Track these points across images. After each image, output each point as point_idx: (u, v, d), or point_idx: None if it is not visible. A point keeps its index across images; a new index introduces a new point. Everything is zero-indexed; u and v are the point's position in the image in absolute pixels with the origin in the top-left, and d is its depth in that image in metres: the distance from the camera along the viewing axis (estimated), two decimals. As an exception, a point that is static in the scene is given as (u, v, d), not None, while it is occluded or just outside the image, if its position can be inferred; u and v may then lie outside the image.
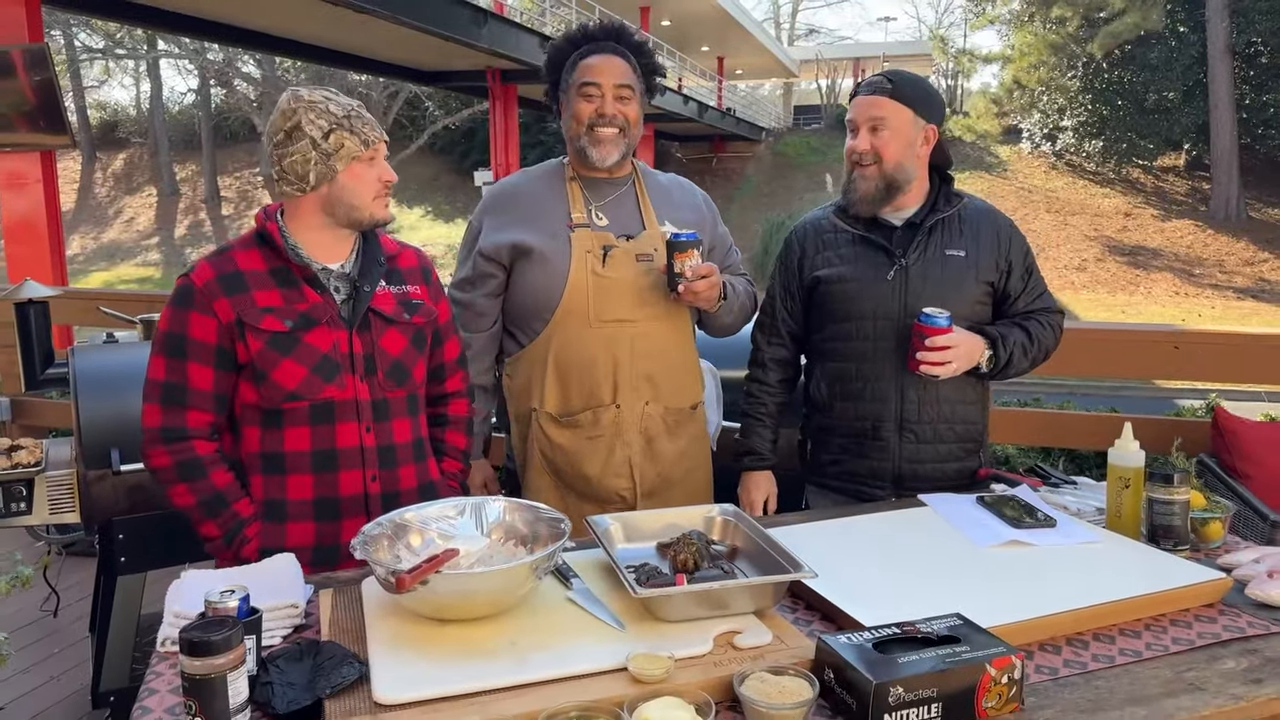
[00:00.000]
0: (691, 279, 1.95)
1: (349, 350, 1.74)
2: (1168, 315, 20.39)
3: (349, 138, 1.69)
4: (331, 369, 1.72)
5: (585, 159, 2.07)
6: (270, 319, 1.69)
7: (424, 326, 1.85)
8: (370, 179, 1.72)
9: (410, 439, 1.82)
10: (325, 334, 1.72)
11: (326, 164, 1.70)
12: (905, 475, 2.08)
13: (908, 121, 2.04)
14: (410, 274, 1.87)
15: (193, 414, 1.70)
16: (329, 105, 1.70)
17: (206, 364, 1.69)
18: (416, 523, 1.42)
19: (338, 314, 1.74)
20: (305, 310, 1.72)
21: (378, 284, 1.79)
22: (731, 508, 1.62)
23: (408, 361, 1.81)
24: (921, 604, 1.39)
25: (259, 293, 1.70)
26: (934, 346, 1.93)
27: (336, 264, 1.77)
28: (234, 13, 13.32)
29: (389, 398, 1.78)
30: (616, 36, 2.09)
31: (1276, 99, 24.81)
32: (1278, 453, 2.91)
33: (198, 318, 1.68)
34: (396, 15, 12.40)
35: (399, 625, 1.29)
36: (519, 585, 1.28)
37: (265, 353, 1.69)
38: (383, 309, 1.78)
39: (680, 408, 2.14)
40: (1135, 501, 1.72)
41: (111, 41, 32.79)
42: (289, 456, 1.73)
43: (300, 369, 1.70)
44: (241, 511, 1.73)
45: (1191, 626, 1.40)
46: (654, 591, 1.26)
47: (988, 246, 2.09)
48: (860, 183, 2.05)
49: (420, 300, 1.85)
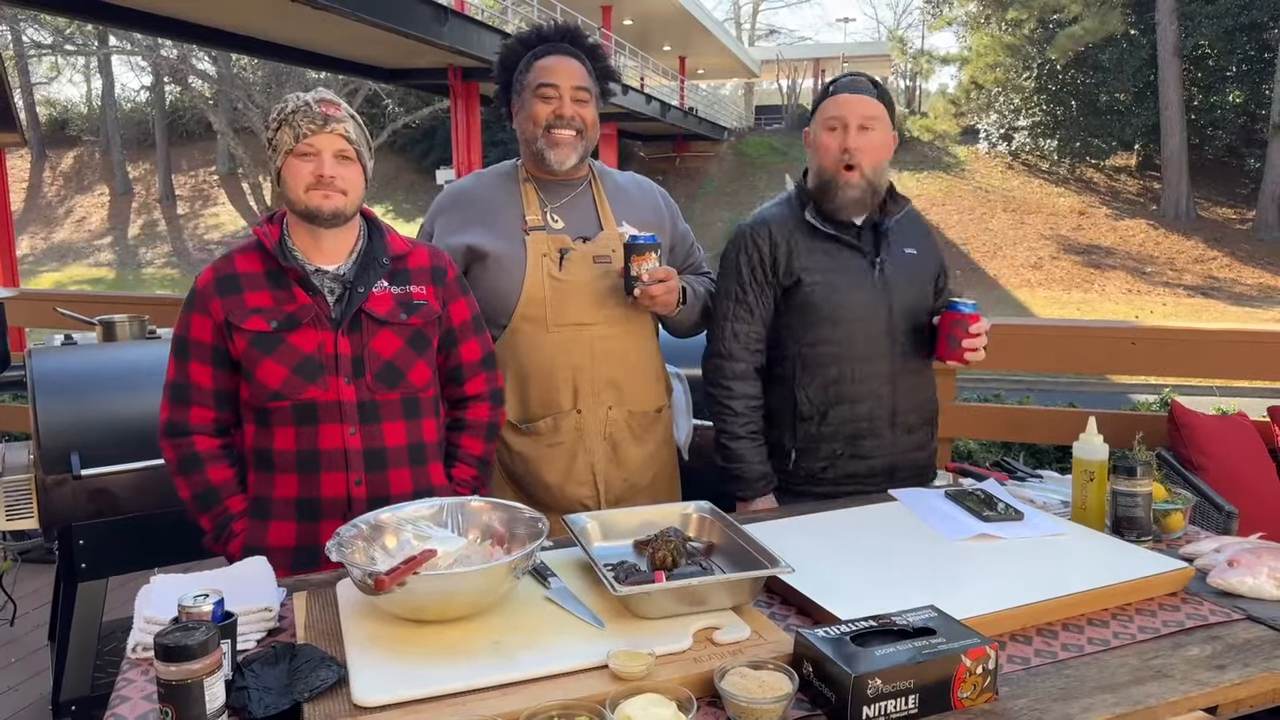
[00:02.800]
0: (648, 283, 1.92)
1: (334, 351, 1.73)
2: (1121, 312, 20.83)
3: (286, 131, 1.69)
4: (314, 369, 1.71)
5: (542, 161, 2.03)
6: (255, 319, 1.72)
7: (424, 327, 1.82)
8: (303, 172, 1.69)
9: (405, 442, 1.79)
10: (310, 334, 1.72)
11: (273, 160, 1.73)
12: (899, 466, 2.10)
13: (888, 126, 2.07)
14: (418, 274, 1.84)
15: (195, 410, 1.76)
16: (289, 103, 1.70)
17: (206, 362, 1.75)
18: (392, 524, 1.41)
19: (326, 315, 1.74)
20: (292, 311, 1.73)
21: (375, 284, 1.77)
22: (707, 505, 1.62)
23: (402, 363, 1.78)
24: (896, 597, 1.41)
25: (251, 294, 1.74)
26: (979, 332, 1.99)
27: (333, 265, 1.77)
28: (188, 9, 13.06)
29: (378, 400, 1.76)
30: (572, 38, 2.05)
31: (1224, 101, 25.44)
32: (1229, 446, 2.99)
33: (197, 319, 1.75)
34: (355, 12, 12.24)
35: (376, 627, 1.28)
36: (497, 585, 1.27)
37: (249, 351, 1.71)
38: (375, 310, 1.76)
39: (645, 411, 2.12)
40: (1100, 494, 1.76)
41: (61, 37, 32.02)
42: (276, 455, 1.74)
43: (281, 369, 1.70)
44: (232, 507, 1.77)
45: (1156, 615, 1.43)
46: (633, 589, 1.26)
47: (927, 245, 2.19)
48: (849, 189, 2.02)
49: (423, 301, 1.82)
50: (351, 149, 1.73)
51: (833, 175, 2.04)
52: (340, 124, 1.71)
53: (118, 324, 2.94)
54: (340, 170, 1.71)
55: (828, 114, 2.05)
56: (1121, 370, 3.42)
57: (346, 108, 1.76)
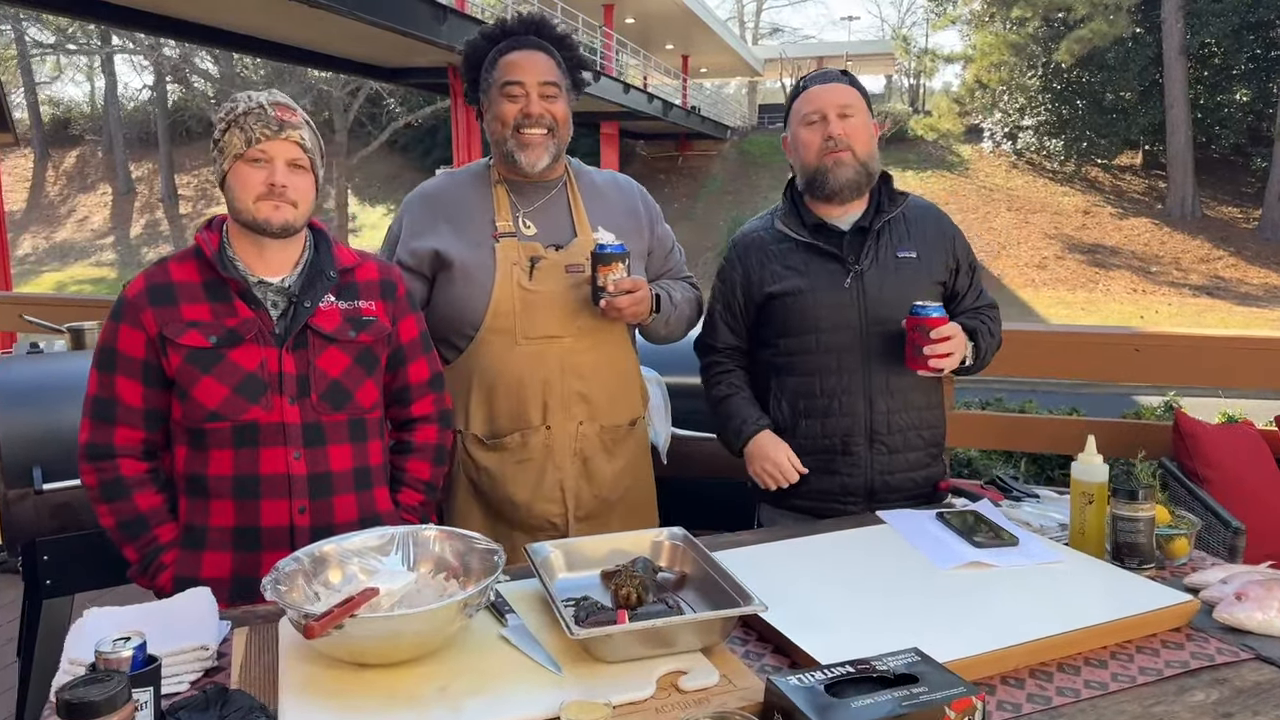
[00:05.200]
0: (614, 294, 1.82)
1: (278, 369, 1.63)
2: (1126, 312, 20.68)
3: (236, 134, 1.59)
4: (256, 389, 1.61)
5: (513, 163, 1.94)
6: (193, 333, 1.61)
7: (373, 345, 1.72)
8: (253, 180, 1.59)
9: (351, 467, 1.69)
10: (253, 351, 1.62)
11: (219, 163, 1.62)
12: (878, 487, 1.98)
13: (867, 112, 1.98)
14: (367, 288, 1.75)
15: (121, 430, 1.64)
16: (240, 103, 1.60)
17: (135, 379, 1.63)
18: (336, 556, 1.32)
19: (270, 330, 1.63)
20: (233, 326, 1.62)
21: (322, 299, 1.68)
22: (680, 531, 1.53)
23: (349, 383, 1.68)
24: (879, 634, 1.32)
25: (187, 306, 1.63)
26: (940, 338, 1.83)
27: (278, 277, 1.67)
28: (189, 8, 13.00)
29: (324, 421, 1.66)
30: (537, 30, 1.95)
31: (1230, 99, 25.26)
32: (1236, 457, 2.90)
33: (126, 330, 1.63)
34: (353, 10, 12.16)
35: (315, 670, 1.19)
36: (445, 626, 1.18)
37: (185, 369, 1.60)
38: (322, 326, 1.66)
39: (617, 425, 2.02)
40: (1099, 518, 1.66)
41: (63, 36, 32.01)
42: (211, 480, 1.62)
43: (221, 388, 1.59)
44: (161, 537, 1.65)
45: (1159, 654, 1.34)
46: (591, 632, 1.17)
47: (935, 246, 2.03)
48: (841, 170, 1.92)
49: (373, 317, 1.72)
50: (306, 158, 1.63)
51: (819, 162, 1.94)
52: (295, 130, 1.61)
53: (86, 331, 2.86)
54: (293, 180, 1.61)
55: (803, 111, 1.97)
56: (1125, 378, 3.32)
57: (302, 113, 1.66)
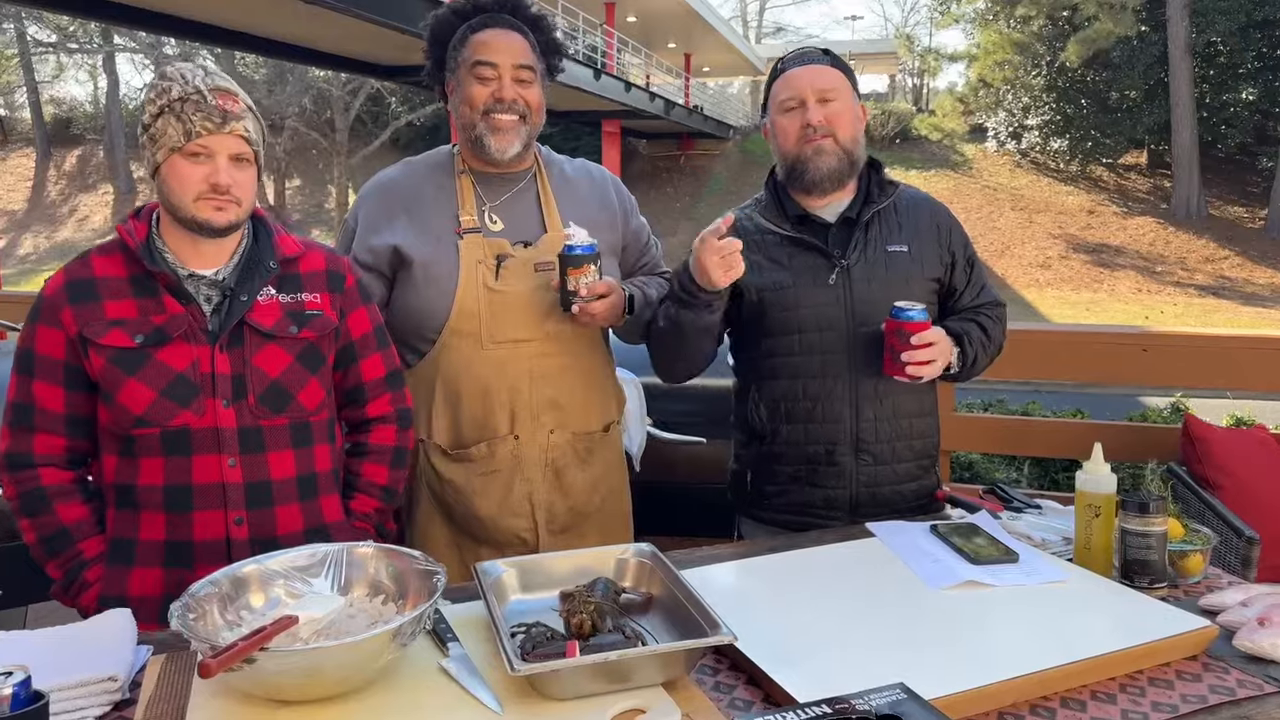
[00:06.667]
0: (587, 298, 1.70)
1: (211, 370, 1.49)
2: (1131, 312, 20.48)
3: (173, 125, 1.44)
4: (187, 392, 1.48)
5: (481, 149, 1.80)
6: (116, 333, 1.47)
7: (318, 342, 1.59)
8: (193, 178, 1.45)
9: (294, 474, 1.56)
10: (184, 351, 1.49)
11: (151, 152, 1.47)
12: (862, 501, 1.84)
13: (851, 95, 1.84)
14: (312, 279, 1.61)
15: (41, 438, 1.52)
16: (174, 85, 1.45)
17: (55, 382, 1.50)
18: (258, 578, 1.19)
19: (202, 327, 1.50)
20: (161, 323, 1.49)
21: (260, 292, 1.54)
22: (649, 548, 1.40)
23: (291, 384, 1.55)
24: (862, 665, 1.19)
25: (111, 303, 1.49)
26: (921, 344, 1.69)
27: (211, 270, 1.53)
28: (189, 6, 12.90)
29: (263, 426, 1.53)
30: (512, 9, 1.82)
31: (1236, 98, 25.05)
32: (1249, 462, 2.77)
33: (44, 331, 1.50)
34: (350, 7, 12.04)
35: (228, 707, 1.07)
36: (373, 659, 1.05)
37: (109, 371, 1.47)
38: (260, 322, 1.53)
39: (590, 431, 1.89)
40: (1106, 532, 1.53)
41: (64, 36, 31.91)
42: (141, 490, 1.49)
43: (148, 391, 1.46)
44: (85, 552, 1.52)
45: (1174, 686, 1.20)
46: (534, 667, 1.04)
47: (929, 239, 1.89)
48: (821, 158, 1.79)
49: (318, 311, 1.59)
50: (250, 150, 1.49)
51: (799, 150, 1.81)
52: (240, 121, 1.47)
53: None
54: (236, 176, 1.47)
55: (781, 96, 1.84)
56: (1132, 379, 3.18)
57: (244, 98, 1.51)
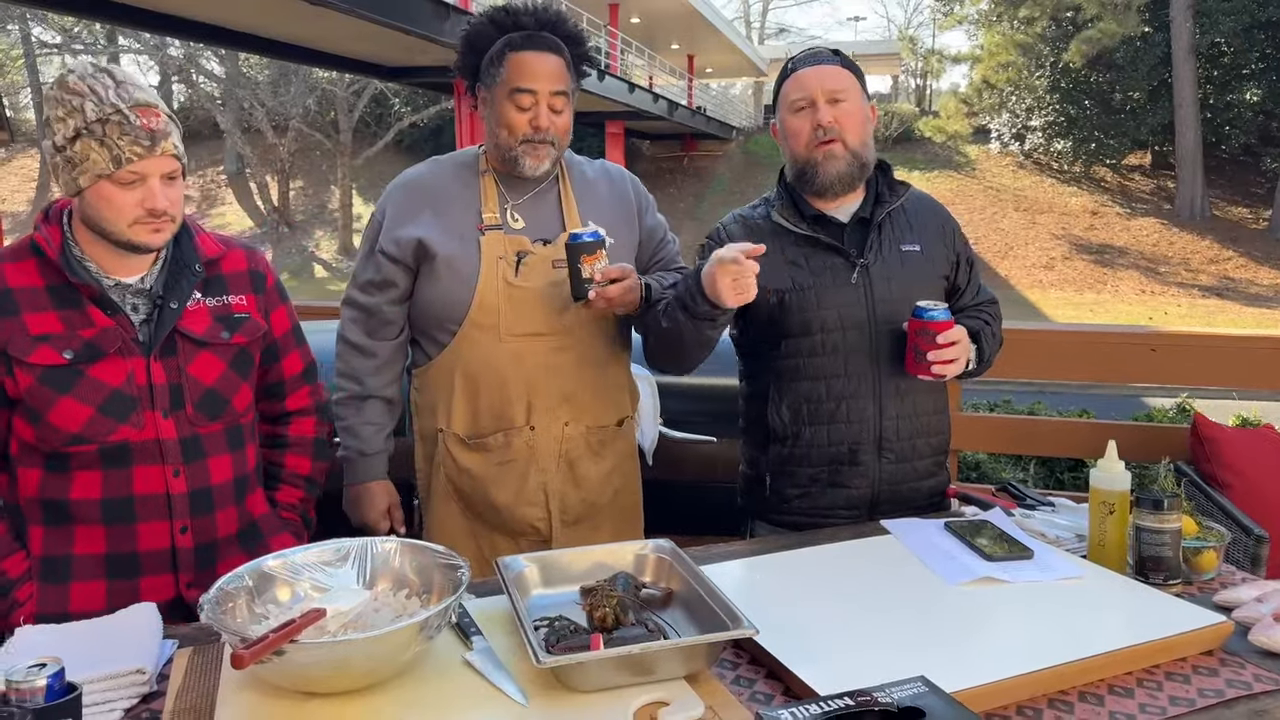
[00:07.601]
0: (602, 283, 1.71)
1: (147, 381, 1.46)
2: (1135, 313, 20.47)
3: (96, 150, 1.36)
4: (125, 406, 1.44)
5: (516, 167, 1.83)
6: (44, 349, 1.41)
7: (249, 346, 1.57)
8: (126, 203, 1.39)
9: (231, 478, 1.55)
10: (117, 365, 1.44)
11: (70, 175, 1.39)
12: (883, 499, 1.85)
13: (860, 95, 1.85)
14: (235, 280, 1.59)
15: None
16: (87, 102, 1.36)
17: None
18: (283, 573, 1.20)
19: (133, 338, 1.46)
20: (90, 337, 1.43)
21: (189, 298, 1.51)
22: (667, 544, 1.41)
23: (225, 390, 1.53)
24: (882, 659, 1.20)
25: (31, 315, 1.42)
26: (947, 342, 1.70)
27: (134, 277, 1.48)
28: (193, 7, 12.92)
29: (201, 433, 1.50)
30: (553, 27, 1.82)
31: (1239, 99, 25.02)
32: (1258, 462, 2.77)
33: None
34: (355, 8, 12.06)
35: (257, 700, 1.08)
36: (400, 651, 1.07)
37: (38, 390, 1.41)
38: (193, 329, 1.50)
39: (604, 425, 1.92)
40: (1120, 530, 1.54)
41: (68, 36, 31.98)
42: (75, 505, 1.45)
43: (84, 409, 1.42)
44: (9, 571, 1.45)
45: (1190, 681, 1.22)
46: (560, 659, 1.05)
47: (937, 239, 1.91)
48: (831, 162, 1.80)
49: (245, 314, 1.57)
50: (179, 164, 1.45)
51: (809, 154, 1.81)
52: (167, 139, 1.41)
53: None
54: (170, 194, 1.43)
55: (791, 96, 1.84)
56: (1141, 378, 3.19)
57: (162, 106, 1.44)
